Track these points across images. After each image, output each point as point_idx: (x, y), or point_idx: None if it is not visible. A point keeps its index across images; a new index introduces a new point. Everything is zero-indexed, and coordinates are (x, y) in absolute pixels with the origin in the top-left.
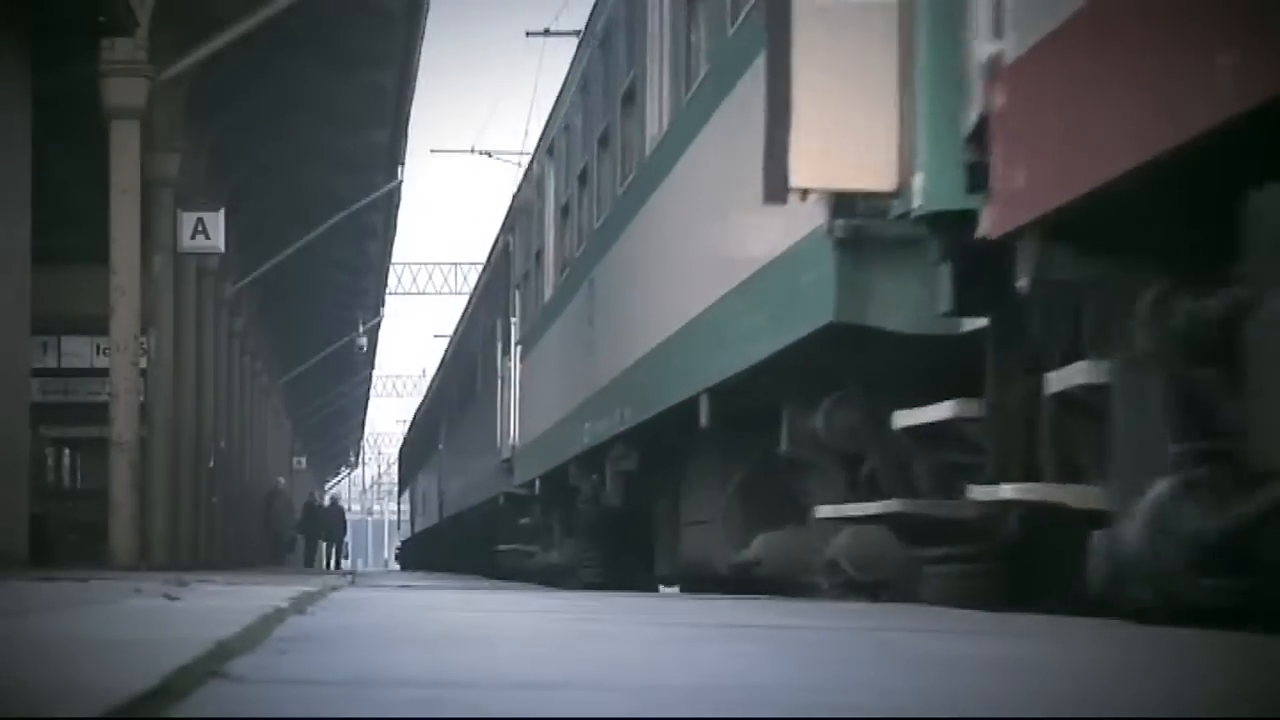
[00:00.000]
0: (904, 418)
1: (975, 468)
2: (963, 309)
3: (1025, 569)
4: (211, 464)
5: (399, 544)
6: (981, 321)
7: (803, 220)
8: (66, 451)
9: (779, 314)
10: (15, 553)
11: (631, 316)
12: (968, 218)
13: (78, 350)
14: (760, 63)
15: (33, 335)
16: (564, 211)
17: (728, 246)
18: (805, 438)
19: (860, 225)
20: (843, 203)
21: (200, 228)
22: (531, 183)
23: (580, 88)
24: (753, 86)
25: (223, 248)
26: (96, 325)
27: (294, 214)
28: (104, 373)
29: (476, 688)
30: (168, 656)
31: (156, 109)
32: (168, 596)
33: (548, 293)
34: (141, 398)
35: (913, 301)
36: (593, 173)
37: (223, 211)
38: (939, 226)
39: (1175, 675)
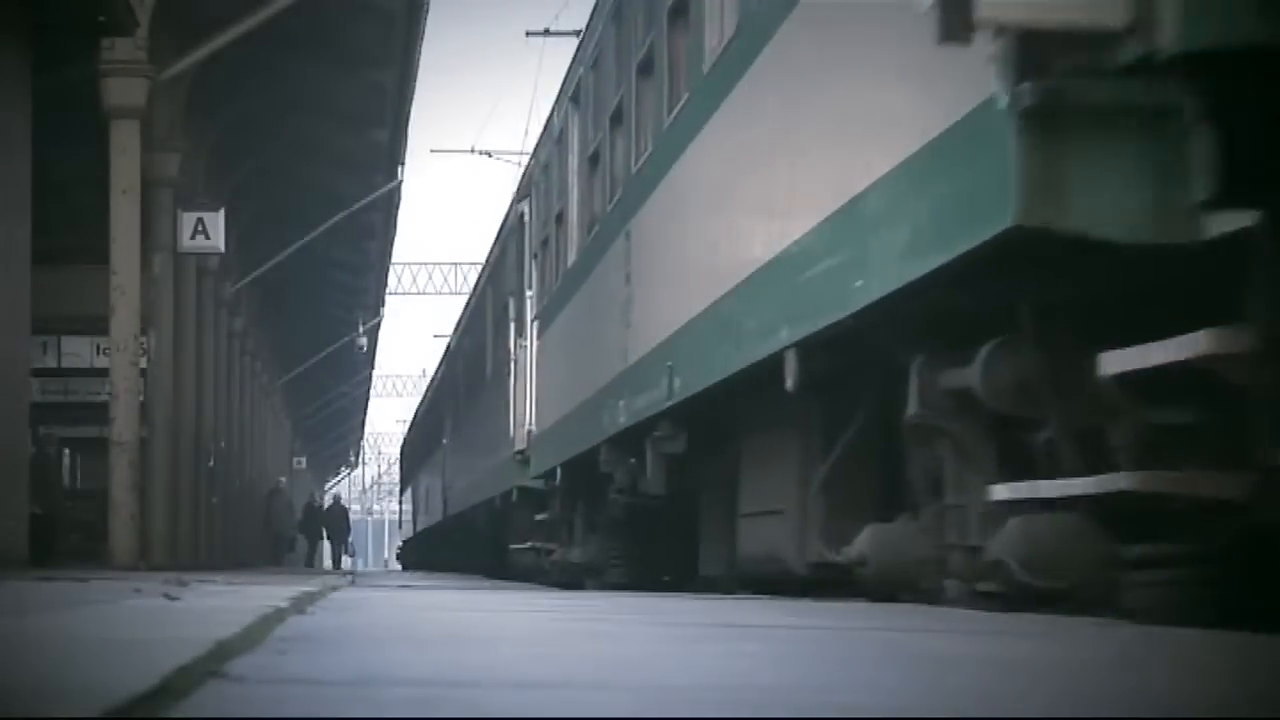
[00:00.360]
0: (1118, 361)
1: (1197, 432)
2: (1230, 198)
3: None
4: (211, 464)
5: (400, 544)
6: (1232, 224)
7: (966, 88)
8: (66, 451)
9: (921, 228)
10: (15, 553)
11: (684, 266)
12: (1245, 60)
13: (78, 350)
14: None
15: (33, 335)
16: (592, 161)
17: (837, 151)
18: (943, 399)
19: (1059, 88)
20: (1029, 56)
21: (200, 228)
22: (551, 138)
23: (613, 14)
24: None
25: (223, 248)
26: (96, 325)
27: (294, 214)
28: (104, 373)
29: (477, 687)
30: (167, 656)
31: (156, 109)
32: (167, 596)
33: (571, 257)
34: (141, 398)
35: (1136, 196)
36: (629, 110)
37: (223, 211)
38: (1197, 77)
39: (1174, 675)
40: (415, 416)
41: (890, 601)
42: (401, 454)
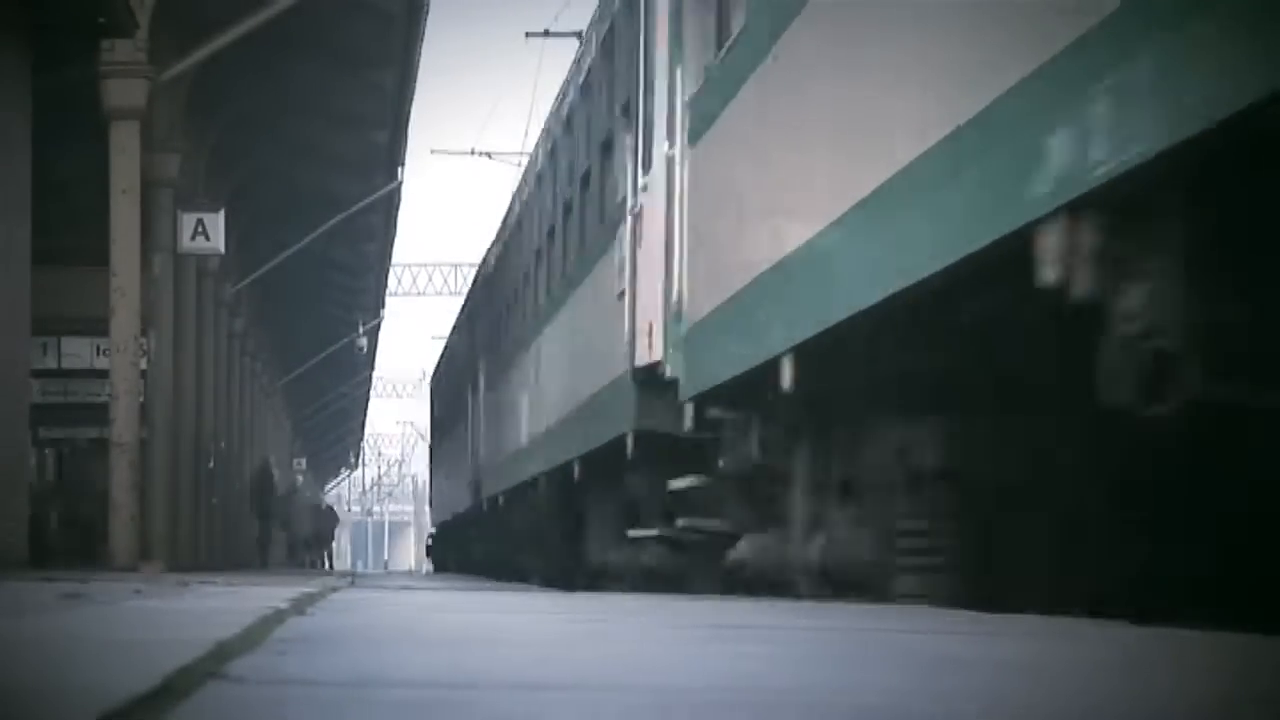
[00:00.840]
0: None
1: None
2: None
3: None
4: (211, 465)
5: (430, 534)
6: None
7: None
8: (66, 452)
9: None
10: (15, 553)
11: None
12: None
13: (78, 351)
14: None
15: (33, 336)
16: None
17: None
18: None
19: None
20: None
21: (200, 228)
22: None
23: None
24: None
25: (223, 248)
26: (96, 326)
27: (294, 215)
28: (104, 374)
29: (477, 688)
30: (168, 657)
31: (156, 109)
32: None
33: None
34: (141, 399)
35: None
36: None
37: (223, 212)
38: None
39: (1177, 676)
40: (444, 353)
41: None
42: (431, 398)
